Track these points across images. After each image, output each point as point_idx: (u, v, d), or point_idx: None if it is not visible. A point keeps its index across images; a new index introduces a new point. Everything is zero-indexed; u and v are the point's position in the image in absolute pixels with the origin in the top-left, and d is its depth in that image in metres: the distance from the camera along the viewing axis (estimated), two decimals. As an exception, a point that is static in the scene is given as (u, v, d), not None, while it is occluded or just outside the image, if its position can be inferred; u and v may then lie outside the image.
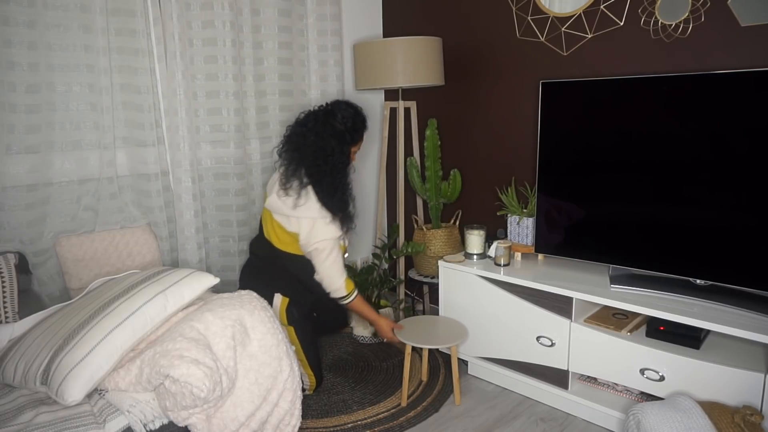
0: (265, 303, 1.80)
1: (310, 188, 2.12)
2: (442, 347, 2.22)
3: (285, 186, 2.14)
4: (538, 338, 2.21)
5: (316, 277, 2.23)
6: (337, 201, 2.14)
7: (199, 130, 2.56)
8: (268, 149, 2.82)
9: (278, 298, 2.25)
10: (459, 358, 2.57)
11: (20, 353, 1.64)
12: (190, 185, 2.51)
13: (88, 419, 1.46)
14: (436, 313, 3.19)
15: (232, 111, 2.60)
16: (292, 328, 2.25)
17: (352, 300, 2.26)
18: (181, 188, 2.49)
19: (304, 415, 2.20)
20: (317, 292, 2.30)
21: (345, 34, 3.08)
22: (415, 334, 2.27)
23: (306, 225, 2.13)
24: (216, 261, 2.71)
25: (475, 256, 2.50)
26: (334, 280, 2.21)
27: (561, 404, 2.25)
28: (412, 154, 3.08)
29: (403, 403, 2.27)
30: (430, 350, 2.66)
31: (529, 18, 2.56)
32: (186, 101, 2.45)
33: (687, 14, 2.09)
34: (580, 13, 2.38)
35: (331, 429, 2.12)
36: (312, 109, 2.25)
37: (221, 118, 2.60)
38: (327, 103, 2.25)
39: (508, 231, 2.55)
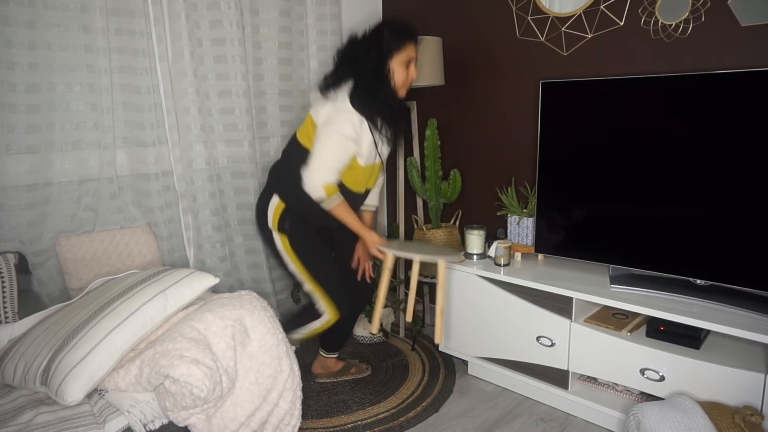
0: (264, 303, 1.80)
1: (345, 87, 2.03)
2: (430, 260, 2.04)
3: (326, 85, 2.07)
4: (538, 338, 2.21)
5: (303, 170, 2.03)
6: (374, 103, 2.03)
7: (202, 130, 2.56)
8: (266, 149, 2.82)
9: (275, 199, 2.11)
10: (459, 358, 2.57)
11: (20, 353, 1.64)
12: (186, 186, 2.51)
13: (88, 419, 1.46)
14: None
15: (239, 110, 2.61)
16: (285, 237, 2.09)
17: (334, 205, 2.03)
18: (183, 188, 2.50)
19: (304, 416, 2.20)
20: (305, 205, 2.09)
21: (345, 34, 3.08)
22: (402, 250, 2.08)
23: (325, 111, 2.03)
24: (237, 260, 2.72)
25: (475, 256, 2.50)
26: (314, 175, 1.99)
27: (561, 404, 2.25)
28: (412, 154, 3.08)
29: (374, 330, 2.09)
30: (430, 350, 2.66)
31: (529, 18, 2.56)
32: (187, 101, 2.46)
33: (687, 14, 2.09)
34: (580, 13, 2.38)
35: (331, 429, 2.12)
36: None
37: (225, 118, 2.60)
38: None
39: (508, 231, 2.55)
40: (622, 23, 2.27)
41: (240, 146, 2.67)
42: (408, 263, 3.25)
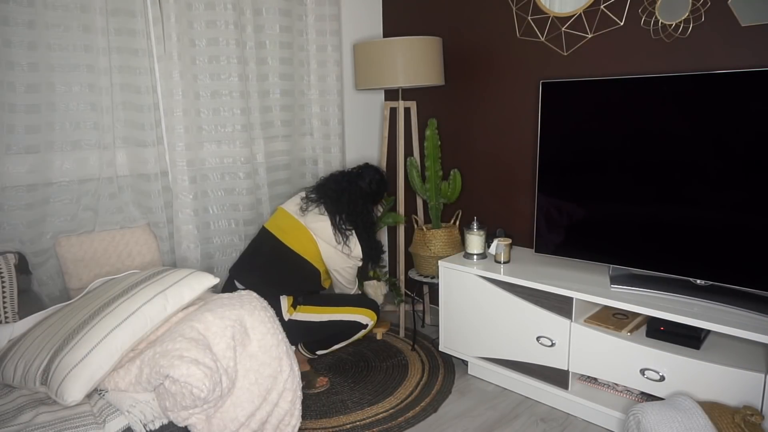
0: (265, 303, 1.80)
1: (355, 235, 2.51)
2: None
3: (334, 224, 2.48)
4: (538, 338, 2.21)
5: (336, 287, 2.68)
6: (374, 250, 2.64)
7: (201, 130, 2.56)
8: (270, 149, 2.82)
9: (284, 300, 2.47)
10: (459, 358, 2.57)
11: (20, 353, 1.64)
12: (187, 185, 2.51)
13: (88, 419, 1.46)
14: (436, 314, 3.19)
15: (235, 111, 2.61)
16: (304, 306, 2.50)
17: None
18: (178, 188, 2.49)
19: (304, 416, 2.20)
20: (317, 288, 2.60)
21: (345, 34, 3.08)
22: None
23: (342, 259, 2.53)
24: (221, 260, 2.71)
25: (475, 257, 2.50)
26: (348, 290, 2.71)
27: (561, 404, 2.25)
28: (412, 154, 3.08)
29: None
30: (430, 350, 2.66)
31: (529, 18, 2.56)
32: (187, 101, 2.45)
33: (687, 14, 2.09)
34: (580, 13, 2.38)
35: (331, 429, 2.12)
36: (344, 170, 2.68)
37: (225, 118, 2.60)
38: (358, 167, 2.69)
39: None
40: (622, 23, 2.27)
41: (237, 146, 2.66)
42: (408, 264, 3.25)
